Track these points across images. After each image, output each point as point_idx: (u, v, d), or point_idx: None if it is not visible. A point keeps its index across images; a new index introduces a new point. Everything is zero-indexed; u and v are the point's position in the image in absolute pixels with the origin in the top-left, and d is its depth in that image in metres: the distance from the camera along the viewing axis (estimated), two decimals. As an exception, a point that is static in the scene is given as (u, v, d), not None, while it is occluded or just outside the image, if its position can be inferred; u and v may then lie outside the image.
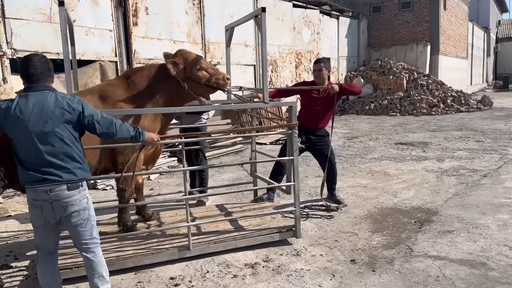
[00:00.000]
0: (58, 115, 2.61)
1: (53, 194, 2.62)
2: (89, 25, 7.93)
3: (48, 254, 2.87)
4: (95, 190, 6.66)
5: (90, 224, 2.81)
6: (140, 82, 3.91)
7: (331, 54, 17.55)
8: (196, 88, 3.96)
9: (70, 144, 2.66)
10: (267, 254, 3.93)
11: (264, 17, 3.80)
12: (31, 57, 2.70)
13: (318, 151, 5.30)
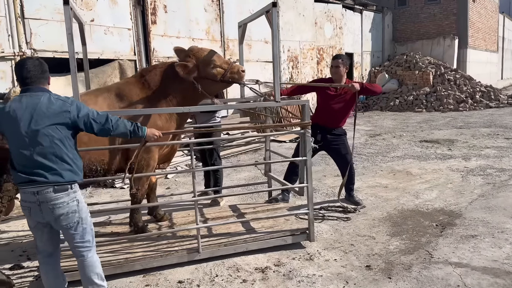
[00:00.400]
0: (50, 116, 2.59)
1: (40, 196, 2.59)
2: (108, 24, 7.96)
3: (47, 255, 2.86)
4: (113, 188, 6.69)
5: (81, 227, 2.76)
6: (154, 81, 3.88)
7: (354, 49, 17.19)
8: (211, 85, 3.90)
9: (59, 145, 2.62)
10: (279, 258, 3.80)
11: (274, 12, 3.65)
12: (25, 60, 2.72)
13: (335, 150, 5.12)
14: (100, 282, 2.88)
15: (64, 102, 2.67)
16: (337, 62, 4.96)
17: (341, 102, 5.00)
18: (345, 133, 5.18)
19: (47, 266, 2.86)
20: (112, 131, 2.81)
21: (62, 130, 2.64)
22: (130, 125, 2.90)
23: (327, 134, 5.02)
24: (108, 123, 2.78)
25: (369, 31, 18.06)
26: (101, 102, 3.72)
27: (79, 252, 2.81)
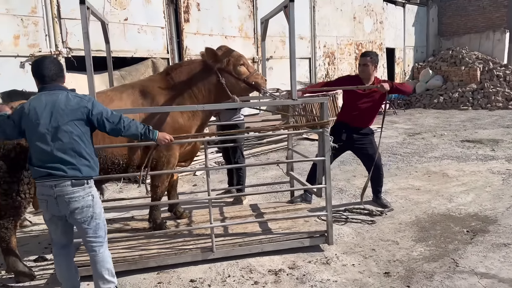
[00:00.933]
0: (68, 113, 2.67)
1: (57, 189, 2.67)
2: (141, 22, 8.11)
3: (61, 247, 2.94)
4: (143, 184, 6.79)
5: (94, 222, 2.82)
6: (179, 78, 3.90)
7: (396, 44, 16.59)
8: (234, 84, 3.92)
9: (78, 141, 2.70)
10: (294, 261, 3.70)
11: (292, 8, 3.53)
12: (43, 59, 2.79)
13: (361, 150, 4.92)
14: (110, 277, 2.92)
15: (81, 99, 2.75)
16: (365, 60, 4.73)
17: (369, 102, 4.78)
18: (372, 132, 4.97)
19: (60, 258, 2.94)
20: (123, 132, 2.86)
21: (80, 127, 2.71)
22: (141, 128, 2.94)
23: (353, 133, 4.84)
24: (120, 123, 2.83)
25: (412, 25, 17.35)
26: (125, 98, 3.77)
27: (91, 247, 2.87)
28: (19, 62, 6.43)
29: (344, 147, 4.91)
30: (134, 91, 3.85)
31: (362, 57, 4.80)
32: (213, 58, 3.86)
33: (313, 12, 12.23)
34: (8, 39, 6.35)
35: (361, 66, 4.80)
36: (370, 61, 4.72)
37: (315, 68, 12.49)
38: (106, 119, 2.79)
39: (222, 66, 3.88)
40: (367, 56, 4.76)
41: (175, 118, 3.76)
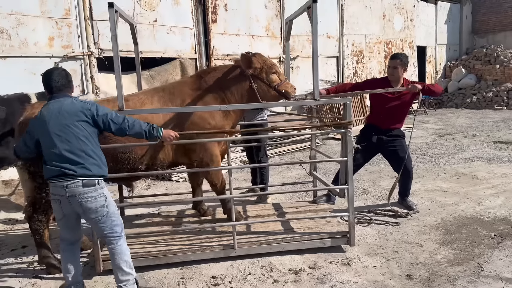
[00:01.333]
0: (73, 114, 2.83)
1: (69, 189, 2.80)
2: (170, 23, 8.28)
3: (69, 244, 3.10)
4: (170, 181, 6.96)
5: (110, 220, 2.95)
6: (212, 81, 3.99)
7: (428, 42, 16.20)
8: (265, 91, 4.01)
9: (85, 141, 2.84)
10: (315, 261, 3.71)
11: (315, 9, 3.54)
12: (52, 71, 2.99)
13: (392, 153, 4.86)
14: (128, 269, 3.04)
15: (84, 103, 2.91)
16: (395, 62, 4.66)
17: (398, 103, 4.72)
18: (403, 134, 4.90)
19: (68, 253, 3.10)
20: (128, 131, 2.98)
21: (86, 128, 2.85)
22: (145, 126, 3.04)
23: (383, 136, 4.79)
24: (124, 123, 2.96)
25: (445, 22, 16.89)
26: (156, 101, 3.88)
27: (109, 241, 3.01)
28: (53, 62, 6.69)
29: (374, 150, 4.88)
30: (165, 94, 3.95)
31: (392, 60, 4.74)
32: (248, 65, 3.92)
33: (341, 10, 12.11)
34: (44, 40, 6.63)
35: (390, 69, 4.73)
36: (400, 64, 4.65)
37: (342, 67, 12.37)
38: (111, 120, 2.93)
39: (256, 73, 3.96)
40: (397, 58, 4.70)
41: (206, 119, 3.82)
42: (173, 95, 3.92)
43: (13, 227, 5.00)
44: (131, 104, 3.76)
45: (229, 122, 4.02)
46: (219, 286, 3.36)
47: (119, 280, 3.04)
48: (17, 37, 6.34)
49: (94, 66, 7.17)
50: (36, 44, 6.54)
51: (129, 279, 3.05)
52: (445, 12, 16.85)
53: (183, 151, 3.89)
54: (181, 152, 3.91)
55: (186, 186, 6.58)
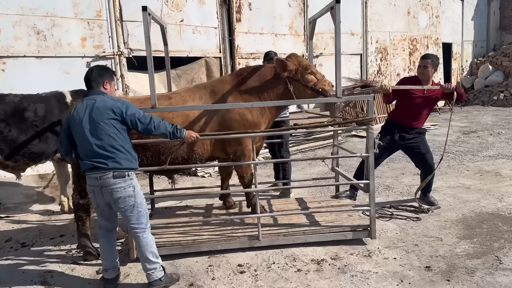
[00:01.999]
0: (104, 114, 3.05)
1: (101, 181, 3.06)
2: (196, 23, 8.50)
3: (106, 231, 3.36)
4: (196, 176, 7.20)
5: (136, 211, 3.18)
6: (250, 81, 4.16)
7: (454, 39, 15.96)
8: (302, 91, 4.12)
9: (115, 137, 3.06)
10: (337, 252, 3.85)
11: (338, 9, 3.68)
12: (92, 68, 3.26)
13: (414, 150, 4.95)
14: (154, 259, 3.29)
15: (115, 101, 3.11)
16: (426, 62, 4.73)
17: (424, 102, 4.81)
18: (424, 132, 5.00)
19: (105, 240, 3.35)
20: (153, 131, 3.19)
21: (115, 125, 3.08)
22: (170, 127, 3.24)
23: (405, 133, 4.87)
24: (151, 124, 3.16)
25: (472, 19, 16.59)
26: (197, 98, 4.09)
27: (135, 233, 3.24)
28: (85, 62, 7.01)
29: (396, 147, 4.96)
30: (206, 91, 4.15)
31: (423, 59, 4.80)
32: (283, 69, 4.05)
33: (365, 8, 12.10)
34: (76, 41, 6.95)
35: (421, 68, 4.78)
36: (431, 64, 4.72)
37: (366, 64, 12.37)
38: (139, 120, 3.13)
39: (291, 75, 4.10)
40: (428, 58, 4.77)
41: (244, 116, 4.00)
42: (214, 93, 4.11)
43: (50, 218, 5.33)
44: (173, 102, 3.99)
45: (265, 119, 4.19)
46: (245, 273, 3.55)
47: (146, 268, 3.29)
48: (52, 38, 6.68)
49: (124, 65, 7.46)
50: (70, 44, 6.87)
51: (156, 267, 3.30)
52: (472, 8, 16.55)
53: (221, 145, 4.09)
54: (219, 146, 4.11)
55: (211, 181, 6.81)
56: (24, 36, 6.44)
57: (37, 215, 5.47)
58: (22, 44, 6.43)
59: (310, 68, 4.16)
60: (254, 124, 4.04)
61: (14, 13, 6.32)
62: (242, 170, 4.23)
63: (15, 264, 3.95)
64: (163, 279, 3.32)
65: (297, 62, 4.13)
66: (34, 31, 6.52)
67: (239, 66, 9.13)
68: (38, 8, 6.52)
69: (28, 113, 4.52)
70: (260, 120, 4.12)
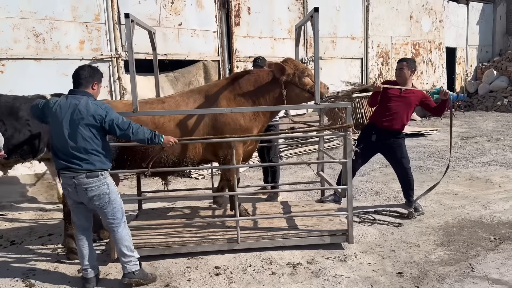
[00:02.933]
0: (84, 117, 3.14)
1: (76, 180, 3.18)
2: (194, 27, 8.61)
3: (83, 230, 3.47)
4: (189, 178, 7.30)
5: (111, 207, 3.31)
6: (245, 85, 4.22)
7: (458, 43, 15.91)
8: (299, 94, 4.19)
9: (90, 141, 3.17)
10: (314, 256, 3.91)
11: (317, 17, 3.74)
12: (80, 67, 3.32)
13: (390, 154, 5.01)
14: (129, 253, 3.41)
15: (98, 107, 3.18)
16: (402, 64, 4.85)
17: (401, 103, 4.85)
18: (403, 136, 5.02)
19: (83, 239, 3.46)
20: (131, 137, 3.28)
21: (92, 130, 3.17)
22: (148, 133, 3.33)
23: (382, 135, 4.93)
24: (129, 130, 3.25)
25: (477, 23, 16.52)
26: (191, 102, 4.17)
27: (111, 228, 3.38)
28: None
29: (374, 149, 5.01)
30: (200, 96, 4.23)
31: (399, 62, 4.93)
32: (282, 72, 4.10)
33: (366, 12, 12.13)
34: (75, 43, 7.10)
35: (397, 71, 4.91)
36: (406, 66, 4.82)
37: (367, 69, 12.38)
38: (117, 125, 3.22)
39: (288, 79, 4.14)
40: (404, 61, 4.89)
41: (237, 120, 4.07)
42: (208, 97, 4.18)
43: (42, 217, 5.46)
44: (166, 106, 4.09)
45: (257, 124, 4.23)
46: (221, 276, 3.63)
47: (121, 261, 3.43)
48: (50, 41, 6.83)
49: (122, 68, 7.59)
50: (68, 47, 7.02)
51: (131, 260, 3.42)
52: (478, 13, 16.48)
53: (212, 148, 4.16)
54: (210, 149, 4.18)
55: (203, 183, 6.91)
56: (23, 39, 6.60)
57: (31, 213, 5.62)
58: (21, 46, 6.59)
59: (307, 71, 4.22)
60: (246, 129, 4.10)
61: (14, 16, 6.48)
62: (229, 174, 4.27)
63: (1, 261, 4.07)
64: (137, 273, 3.44)
65: (294, 66, 4.19)
66: (33, 33, 6.68)
67: (237, 69, 9.23)
68: (37, 12, 6.68)
69: (22, 113, 4.68)
70: (252, 125, 4.18)
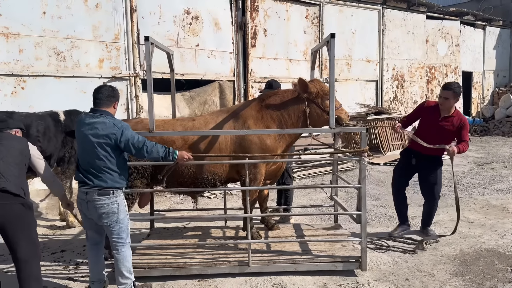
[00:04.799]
0: (100, 136, 3.23)
1: (88, 196, 3.27)
2: (211, 48, 8.75)
3: (94, 243, 3.54)
4: (201, 197, 7.29)
5: (118, 226, 3.36)
6: (272, 105, 4.28)
7: (474, 68, 15.82)
8: (319, 115, 4.21)
9: (104, 159, 3.25)
10: (326, 283, 3.85)
11: (333, 43, 3.79)
12: (101, 86, 3.43)
13: (423, 177, 4.95)
14: (127, 274, 3.44)
15: (114, 126, 3.26)
16: (448, 94, 4.63)
17: (439, 131, 4.70)
18: (441, 163, 4.88)
19: (93, 252, 3.54)
20: (146, 156, 3.35)
21: (107, 147, 3.25)
22: (162, 152, 3.40)
23: (421, 160, 4.86)
24: (143, 149, 3.32)
25: (493, 48, 16.44)
26: (220, 121, 4.25)
27: (115, 246, 3.41)
28: (102, 82, 7.27)
29: (414, 170, 5.00)
30: (229, 115, 4.30)
31: (444, 90, 4.70)
32: (304, 89, 4.15)
33: (382, 35, 12.19)
34: (94, 62, 7.26)
35: (441, 99, 4.71)
36: (452, 95, 4.63)
37: (382, 91, 12.37)
38: (132, 144, 3.29)
39: (311, 97, 4.18)
40: (449, 89, 4.65)
41: (263, 140, 4.12)
42: (237, 117, 4.25)
43: (55, 232, 5.50)
44: (196, 124, 4.20)
45: (282, 144, 4.25)
46: (230, 300, 3.59)
47: (119, 282, 3.45)
48: (70, 59, 7.00)
49: (139, 86, 7.73)
50: (87, 65, 7.18)
51: (127, 282, 3.44)
52: (494, 38, 16.42)
53: (237, 167, 4.19)
54: (235, 168, 4.21)
55: (215, 203, 6.90)
56: (45, 57, 6.78)
57: (44, 229, 5.66)
58: (42, 64, 6.77)
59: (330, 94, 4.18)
60: (271, 149, 4.14)
61: (37, 35, 6.69)
62: (250, 194, 4.26)
63: (14, 276, 4.09)
64: None
65: (319, 87, 4.23)
66: (54, 51, 6.87)
67: (252, 89, 9.31)
68: (59, 31, 6.88)
69: (33, 129, 4.84)
70: (277, 145, 4.21)
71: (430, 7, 13.43)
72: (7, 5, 6.40)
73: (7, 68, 6.47)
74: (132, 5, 7.55)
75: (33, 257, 3.17)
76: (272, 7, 9.71)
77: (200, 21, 8.53)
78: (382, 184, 7.86)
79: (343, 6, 11.24)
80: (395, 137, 11.52)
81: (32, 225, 3.22)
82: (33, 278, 3.14)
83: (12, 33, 6.47)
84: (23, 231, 3.12)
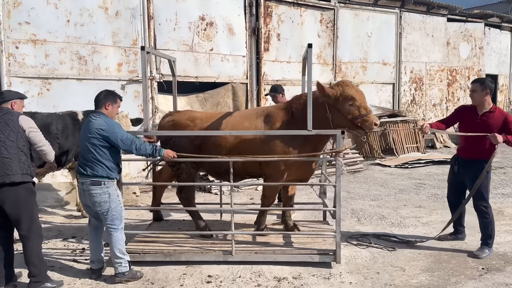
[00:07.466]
0: (93, 131, 3.73)
1: (84, 185, 3.79)
2: (225, 52, 9.19)
3: (94, 228, 4.07)
4: (209, 193, 7.74)
5: (111, 214, 3.84)
6: (298, 107, 4.50)
7: (500, 71, 15.53)
8: (341, 120, 4.29)
9: (94, 152, 3.75)
10: (301, 272, 4.17)
11: (310, 53, 4.12)
12: (100, 91, 3.96)
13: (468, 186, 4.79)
14: (120, 255, 3.91)
15: (103, 123, 3.74)
16: (474, 86, 4.57)
17: (484, 127, 4.45)
18: (482, 167, 4.45)
19: (92, 235, 4.07)
20: (135, 152, 3.83)
21: (97, 142, 3.74)
22: (150, 150, 3.87)
23: (464, 166, 4.69)
24: (132, 146, 3.80)
25: (521, 50, 16.04)
26: (253, 120, 4.59)
27: (109, 231, 3.90)
28: (120, 84, 7.88)
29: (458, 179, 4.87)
30: (261, 115, 4.64)
31: (472, 84, 4.68)
32: (321, 92, 4.20)
33: (399, 38, 12.25)
34: (113, 66, 7.85)
35: (470, 93, 4.66)
36: (480, 88, 4.50)
37: (399, 94, 12.43)
38: (121, 140, 3.77)
39: (330, 101, 4.23)
40: (476, 82, 4.61)
41: (288, 141, 4.35)
42: (267, 117, 4.58)
43: (71, 221, 6.08)
44: (231, 120, 4.58)
45: (307, 146, 4.37)
46: (211, 284, 3.98)
47: (114, 262, 3.94)
48: (91, 63, 7.62)
49: (155, 88, 8.27)
50: (107, 68, 7.78)
51: (121, 262, 3.92)
52: (522, 40, 16.02)
53: (264, 164, 4.49)
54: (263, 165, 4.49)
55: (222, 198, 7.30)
56: (68, 61, 7.43)
57: (62, 217, 6.26)
58: (66, 67, 7.41)
59: (353, 100, 4.17)
60: (295, 150, 4.32)
61: (61, 41, 7.33)
62: (268, 191, 4.63)
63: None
64: (126, 273, 3.94)
65: (340, 90, 4.20)
66: (77, 56, 7.50)
67: (264, 91, 9.67)
68: (81, 37, 7.50)
69: (53, 127, 5.38)
70: (300, 150, 4.36)
71: (452, 10, 13.34)
72: (35, 14, 7.07)
73: (34, 72, 7.14)
74: (150, 12, 8.10)
75: (34, 234, 3.69)
76: (286, 12, 10.04)
77: (214, 27, 8.98)
78: (386, 186, 8.03)
79: (359, 10, 11.41)
80: (410, 140, 11.58)
81: (33, 206, 3.72)
82: (33, 253, 3.66)
83: (39, 40, 7.14)
84: (24, 210, 3.62)
